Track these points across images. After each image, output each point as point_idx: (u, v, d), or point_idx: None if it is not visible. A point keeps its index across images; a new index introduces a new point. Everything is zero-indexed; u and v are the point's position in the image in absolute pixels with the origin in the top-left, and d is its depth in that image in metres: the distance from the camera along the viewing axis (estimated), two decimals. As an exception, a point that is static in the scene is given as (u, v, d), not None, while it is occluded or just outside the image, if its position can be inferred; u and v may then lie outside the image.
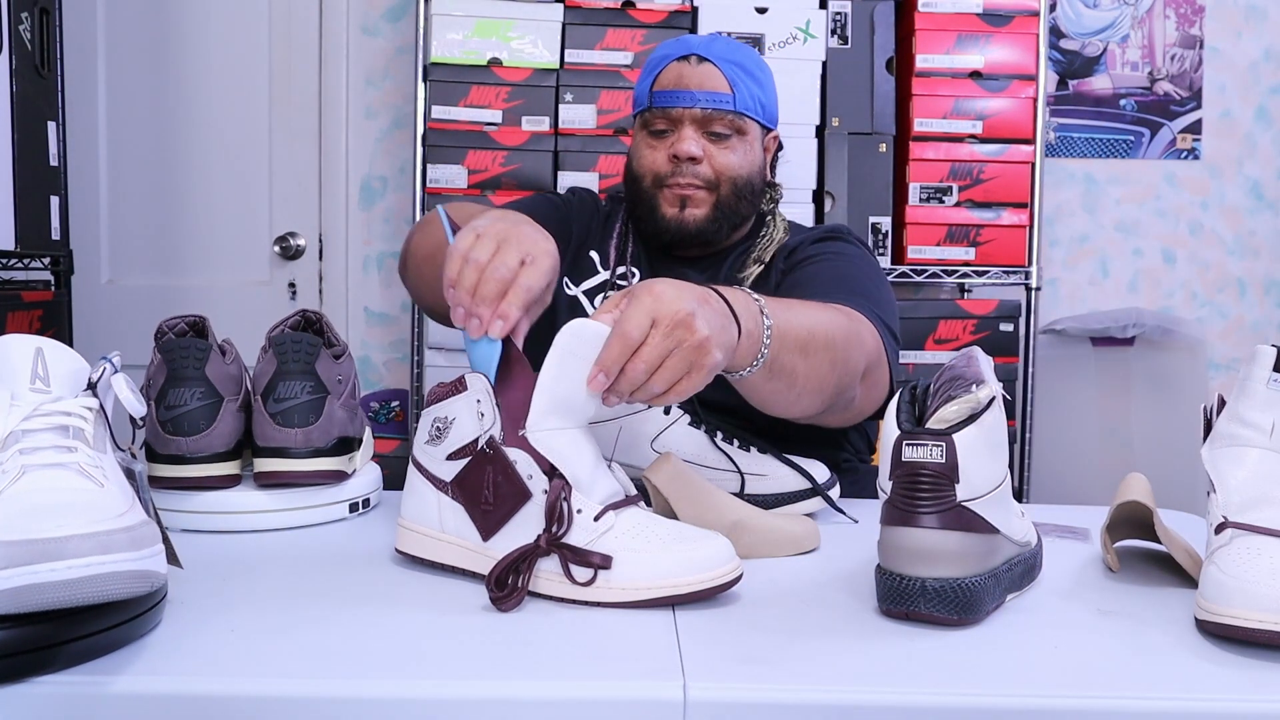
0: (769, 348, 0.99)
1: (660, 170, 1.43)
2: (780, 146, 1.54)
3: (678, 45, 1.46)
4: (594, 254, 1.50)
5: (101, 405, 0.77)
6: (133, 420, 0.87)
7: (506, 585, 0.81)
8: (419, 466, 0.92)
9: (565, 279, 1.46)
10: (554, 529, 0.82)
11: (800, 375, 1.05)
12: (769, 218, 1.51)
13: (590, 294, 1.46)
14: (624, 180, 1.53)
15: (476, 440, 0.87)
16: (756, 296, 1.00)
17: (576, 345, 0.85)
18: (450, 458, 0.88)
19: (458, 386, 0.90)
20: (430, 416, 0.91)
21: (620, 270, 1.48)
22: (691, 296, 0.88)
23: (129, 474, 0.77)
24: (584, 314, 1.42)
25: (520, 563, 0.81)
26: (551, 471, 0.84)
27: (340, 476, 1.08)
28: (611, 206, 1.57)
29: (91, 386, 0.77)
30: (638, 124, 1.48)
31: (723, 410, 1.27)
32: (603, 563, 0.81)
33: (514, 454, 0.85)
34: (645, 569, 0.81)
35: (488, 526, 0.86)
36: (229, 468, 1.03)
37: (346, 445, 1.08)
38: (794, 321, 1.04)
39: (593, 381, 0.85)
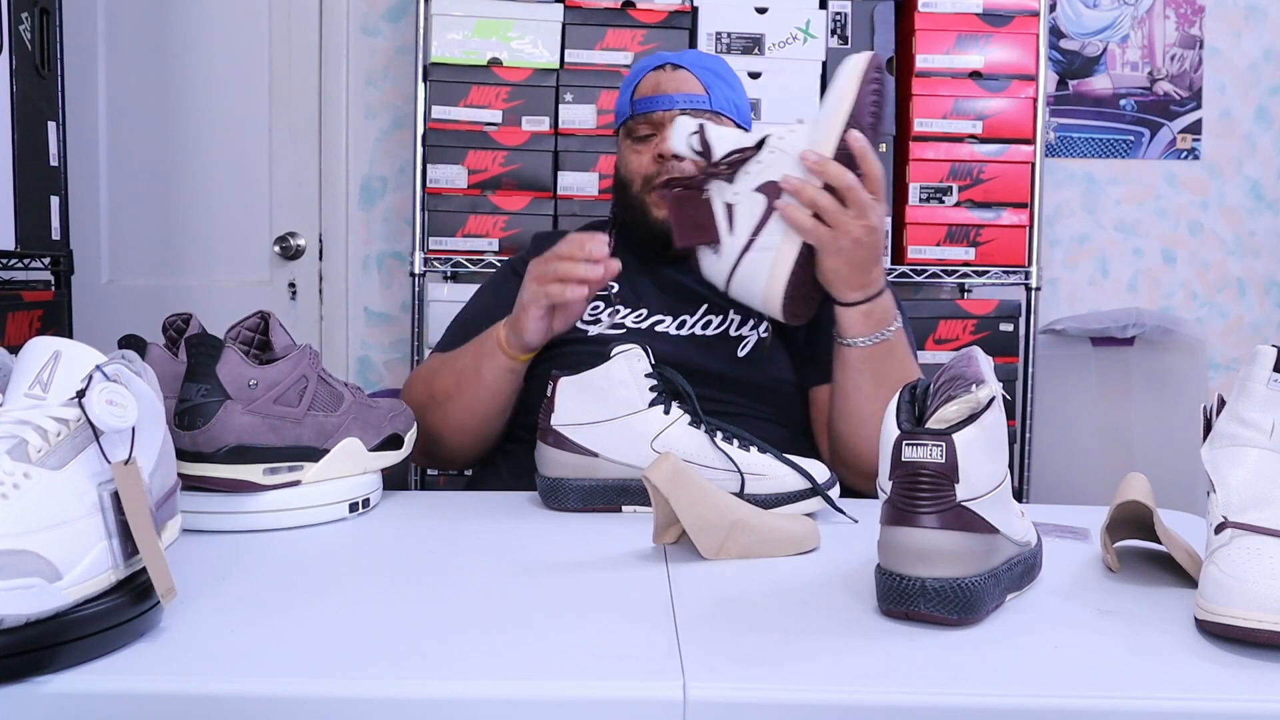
0: (887, 337, 1.28)
1: (647, 172, 1.47)
2: None
3: (651, 60, 1.53)
4: None
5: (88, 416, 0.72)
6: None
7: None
8: None
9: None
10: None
11: (881, 389, 1.25)
12: None
13: None
14: (613, 190, 1.57)
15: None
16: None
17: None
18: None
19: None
20: None
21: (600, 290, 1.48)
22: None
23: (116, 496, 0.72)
24: (573, 332, 1.43)
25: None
26: None
27: (244, 486, 1.01)
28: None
29: (81, 395, 0.72)
30: (621, 135, 1.53)
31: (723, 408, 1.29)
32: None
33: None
34: None
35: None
36: (227, 470, 1.00)
37: (254, 455, 1.01)
38: (905, 347, 1.33)
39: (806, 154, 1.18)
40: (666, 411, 1.12)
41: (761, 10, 2.41)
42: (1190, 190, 2.92)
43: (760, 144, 1.24)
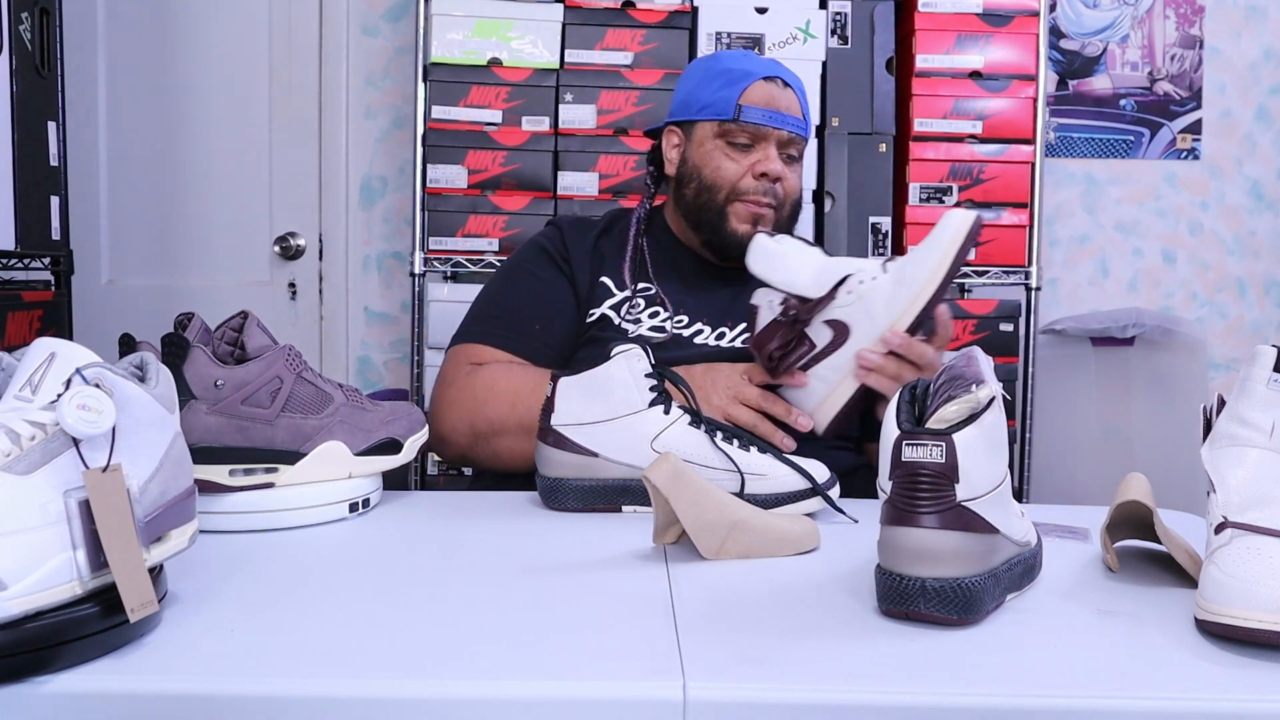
0: None
1: (740, 184, 1.46)
2: None
3: (756, 64, 1.49)
4: (605, 279, 1.48)
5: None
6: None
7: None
8: None
9: (589, 308, 1.47)
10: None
11: None
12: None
13: (616, 307, 1.46)
14: (682, 184, 1.52)
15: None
16: None
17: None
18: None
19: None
20: None
21: (640, 285, 1.48)
22: None
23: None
24: (615, 329, 1.43)
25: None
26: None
27: (208, 487, 0.99)
28: (609, 222, 1.56)
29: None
30: (711, 132, 1.48)
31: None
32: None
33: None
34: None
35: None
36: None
37: (218, 455, 1.00)
38: None
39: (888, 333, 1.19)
40: (666, 411, 1.12)
41: (761, 10, 2.41)
42: (1190, 190, 2.92)
43: (840, 283, 1.24)
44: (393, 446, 1.15)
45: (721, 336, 1.44)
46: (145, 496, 0.74)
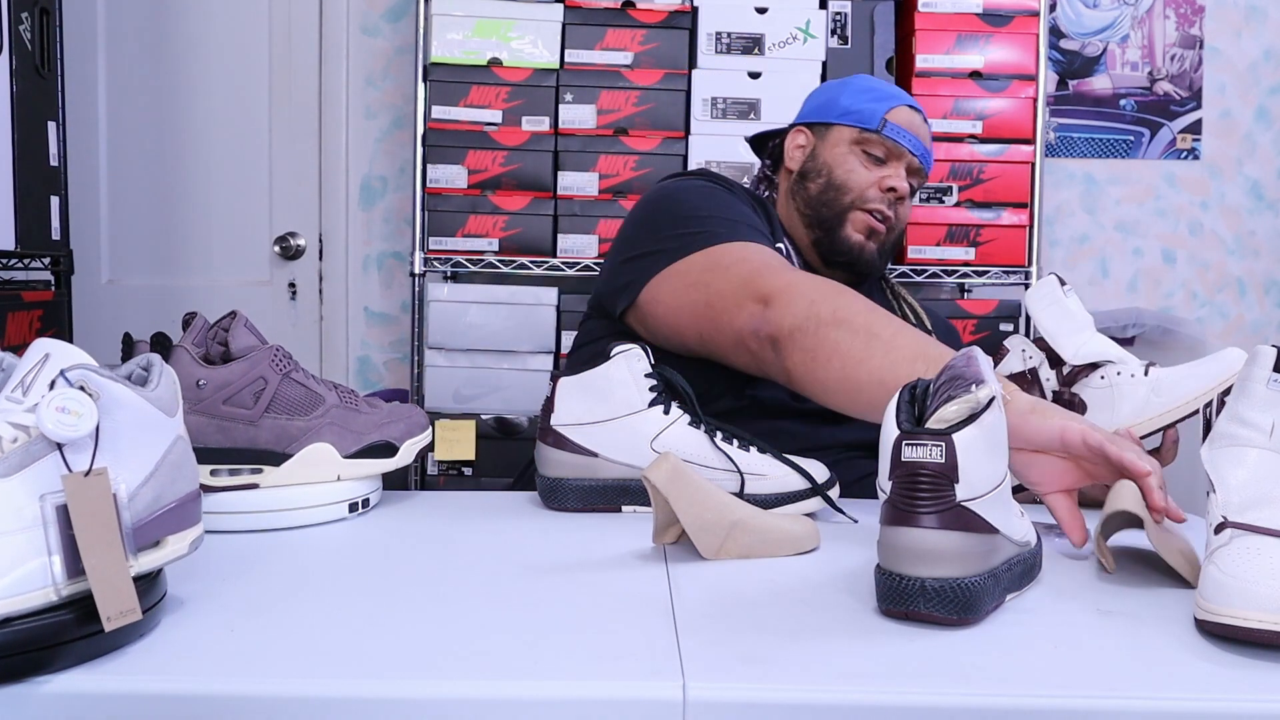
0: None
1: (867, 193, 1.48)
2: None
3: (901, 92, 1.54)
4: None
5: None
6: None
7: None
8: None
9: None
10: None
11: None
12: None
13: None
14: (806, 179, 1.51)
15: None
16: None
17: None
18: None
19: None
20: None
21: None
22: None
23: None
24: None
25: None
26: None
27: None
28: (752, 203, 1.48)
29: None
30: (849, 138, 1.50)
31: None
32: None
33: None
34: None
35: None
36: None
37: (198, 456, 0.96)
38: None
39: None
40: (666, 411, 1.12)
41: (761, 10, 2.41)
42: (1190, 190, 2.92)
43: (1099, 364, 1.24)
44: (387, 450, 1.13)
45: None
46: (136, 502, 0.72)
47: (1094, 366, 1.24)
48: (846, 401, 1.13)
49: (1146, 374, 1.23)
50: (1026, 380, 1.24)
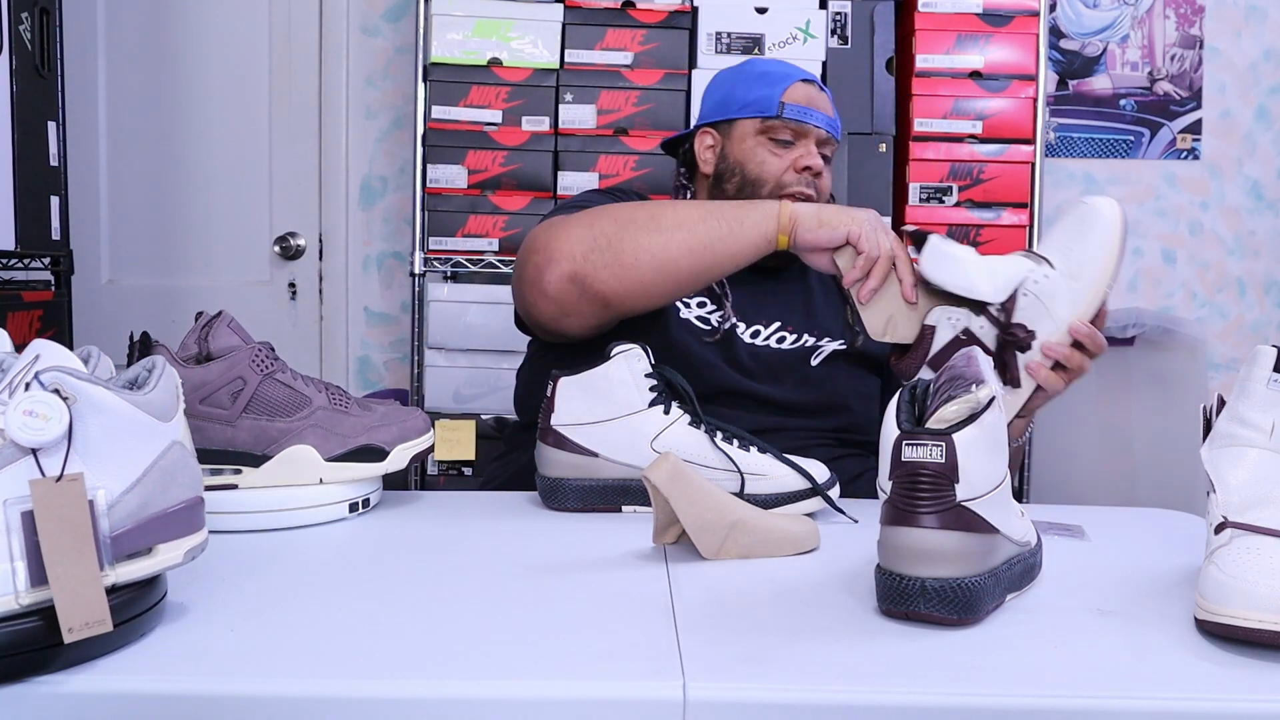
0: (1020, 444, 1.32)
1: (784, 179, 1.48)
2: None
3: (792, 68, 1.54)
4: None
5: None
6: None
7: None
8: None
9: None
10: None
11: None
12: None
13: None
14: (722, 181, 1.52)
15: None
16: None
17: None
18: None
19: None
20: None
21: None
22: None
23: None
24: (680, 318, 1.41)
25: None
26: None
27: None
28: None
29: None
30: (753, 129, 1.50)
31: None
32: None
33: None
34: None
35: None
36: None
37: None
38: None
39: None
40: (666, 411, 1.12)
41: (761, 10, 2.40)
42: (1190, 190, 2.92)
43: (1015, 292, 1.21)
44: (375, 454, 1.10)
45: (756, 335, 1.45)
46: (117, 509, 0.69)
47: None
48: (671, 284, 1.26)
49: (1054, 267, 1.21)
50: (965, 344, 1.19)
